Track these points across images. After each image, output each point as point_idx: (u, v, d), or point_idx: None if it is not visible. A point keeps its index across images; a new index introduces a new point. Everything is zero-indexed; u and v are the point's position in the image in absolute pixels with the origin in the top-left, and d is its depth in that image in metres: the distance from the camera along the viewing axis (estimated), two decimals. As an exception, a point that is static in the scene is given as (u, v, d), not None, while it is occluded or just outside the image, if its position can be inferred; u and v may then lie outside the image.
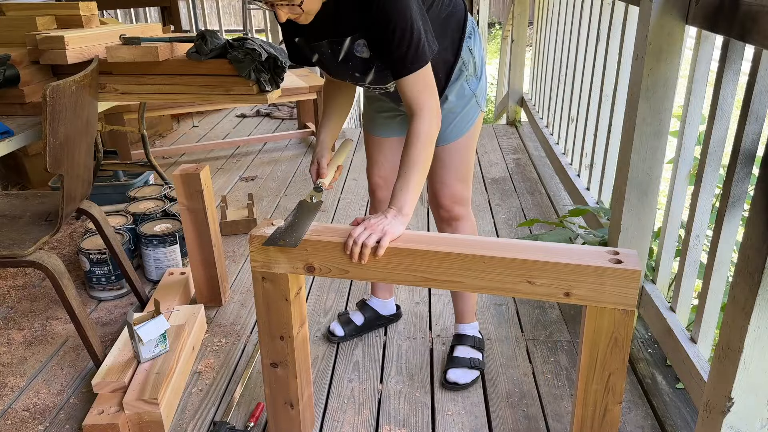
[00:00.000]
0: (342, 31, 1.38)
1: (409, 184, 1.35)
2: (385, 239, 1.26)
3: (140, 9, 5.75)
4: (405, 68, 1.34)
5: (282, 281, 1.36)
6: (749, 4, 1.27)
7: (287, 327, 1.41)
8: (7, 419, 1.69)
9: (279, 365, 1.46)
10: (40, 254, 1.65)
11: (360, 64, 1.43)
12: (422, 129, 1.36)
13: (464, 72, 1.58)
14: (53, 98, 1.51)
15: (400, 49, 1.31)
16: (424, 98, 1.37)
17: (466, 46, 1.56)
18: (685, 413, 1.65)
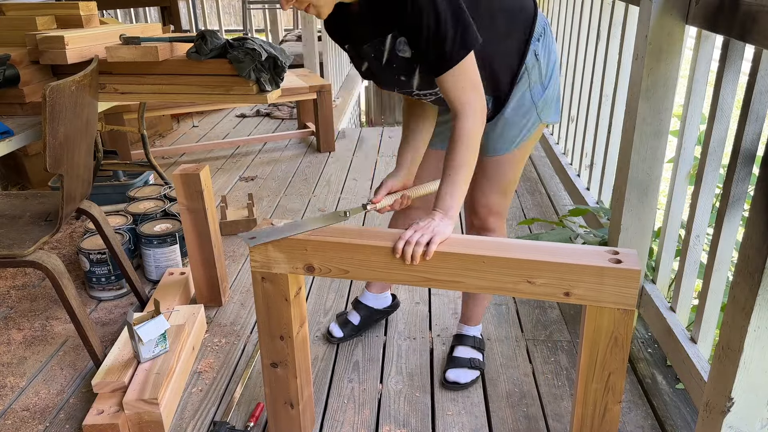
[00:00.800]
0: (381, 30, 1.31)
1: (455, 186, 1.30)
2: (435, 238, 1.25)
3: (140, 9, 5.75)
4: (443, 63, 1.25)
5: (282, 281, 1.36)
6: (749, 3, 1.27)
7: (287, 327, 1.41)
8: (7, 419, 1.69)
9: (279, 365, 1.46)
10: (39, 254, 1.65)
11: (404, 65, 1.34)
12: (466, 128, 1.29)
13: (527, 78, 1.46)
14: (53, 98, 1.51)
15: (435, 43, 1.23)
16: (467, 96, 1.28)
17: (532, 50, 1.44)
18: (685, 413, 1.65)
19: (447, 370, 1.78)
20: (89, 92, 1.77)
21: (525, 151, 1.57)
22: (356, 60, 1.45)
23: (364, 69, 1.44)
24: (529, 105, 1.49)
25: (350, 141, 4.20)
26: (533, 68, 1.46)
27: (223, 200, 2.87)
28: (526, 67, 1.46)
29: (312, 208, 3.10)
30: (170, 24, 4.53)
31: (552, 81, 1.51)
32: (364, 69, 1.44)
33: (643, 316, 1.90)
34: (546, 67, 1.48)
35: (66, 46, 2.05)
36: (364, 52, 1.39)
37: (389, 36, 1.31)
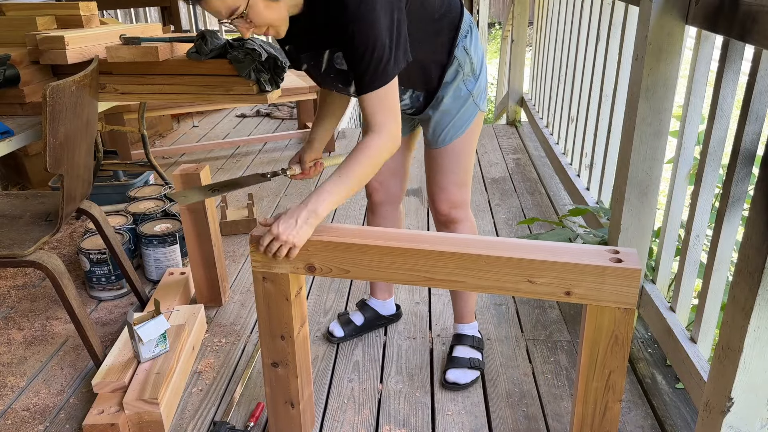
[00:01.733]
0: (320, 44, 1.38)
1: (337, 190, 1.32)
2: (293, 252, 1.30)
3: (140, 9, 5.75)
4: (364, 86, 1.30)
5: (282, 281, 1.36)
6: (749, 3, 1.27)
7: (288, 327, 1.41)
8: (7, 419, 1.69)
9: (279, 365, 1.46)
10: (40, 254, 1.65)
11: (341, 77, 1.41)
12: (374, 145, 1.32)
13: (460, 72, 1.55)
14: (53, 98, 1.51)
15: (361, 66, 1.28)
16: (382, 118, 1.33)
17: (461, 45, 1.53)
18: (685, 413, 1.65)
19: (447, 370, 1.78)
20: (89, 92, 1.77)
21: (471, 139, 1.64)
22: (295, 61, 1.51)
23: (304, 69, 1.50)
24: (465, 95, 1.58)
25: (350, 141, 4.20)
26: (465, 62, 1.55)
27: (223, 200, 2.87)
28: (458, 62, 1.54)
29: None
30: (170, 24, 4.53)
31: (482, 72, 1.60)
32: (304, 69, 1.50)
33: (643, 315, 1.90)
34: (475, 59, 1.57)
35: (66, 46, 2.05)
36: (303, 58, 1.46)
37: (327, 51, 1.38)
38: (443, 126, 1.59)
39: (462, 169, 1.65)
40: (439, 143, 1.61)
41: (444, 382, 1.77)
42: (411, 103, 1.59)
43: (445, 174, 1.64)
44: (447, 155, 1.63)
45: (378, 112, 1.33)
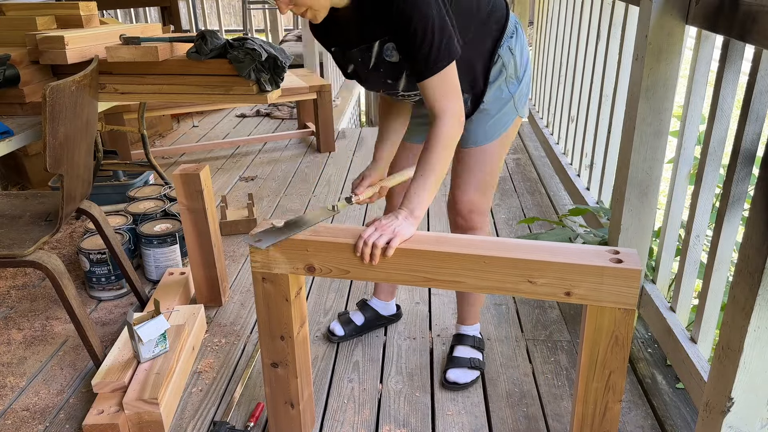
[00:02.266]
0: (369, 36, 1.35)
1: (425, 187, 1.33)
2: (395, 240, 1.27)
3: (140, 9, 5.75)
4: (427, 69, 1.29)
5: (282, 281, 1.36)
6: (749, 3, 1.27)
7: (287, 327, 1.41)
8: (7, 419, 1.69)
9: (279, 365, 1.46)
10: (39, 254, 1.65)
11: (390, 70, 1.38)
12: (443, 132, 1.33)
13: (504, 73, 1.51)
14: (53, 98, 1.51)
15: (422, 49, 1.27)
16: (447, 101, 1.32)
17: (506, 45, 1.50)
18: (685, 413, 1.65)
19: (447, 370, 1.78)
20: (89, 92, 1.77)
21: (504, 145, 1.61)
22: (341, 62, 1.48)
23: (350, 71, 1.47)
24: (507, 97, 1.55)
25: (350, 141, 4.20)
26: (509, 63, 1.52)
27: (223, 200, 2.87)
28: (503, 62, 1.51)
29: (312, 208, 3.10)
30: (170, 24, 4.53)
31: (525, 75, 1.57)
32: (350, 71, 1.47)
33: (643, 316, 1.90)
34: (520, 62, 1.54)
35: (66, 46, 2.05)
36: (350, 56, 1.42)
37: (377, 42, 1.35)
38: (479, 126, 1.55)
39: (489, 174, 1.61)
40: (470, 143, 1.57)
41: (444, 381, 1.77)
42: None
43: (471, 175, 1.60)
44: (476, 156, 1.58)
45: (441, 96, 1.32)
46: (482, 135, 1.56)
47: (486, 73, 1.51)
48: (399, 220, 1.30)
